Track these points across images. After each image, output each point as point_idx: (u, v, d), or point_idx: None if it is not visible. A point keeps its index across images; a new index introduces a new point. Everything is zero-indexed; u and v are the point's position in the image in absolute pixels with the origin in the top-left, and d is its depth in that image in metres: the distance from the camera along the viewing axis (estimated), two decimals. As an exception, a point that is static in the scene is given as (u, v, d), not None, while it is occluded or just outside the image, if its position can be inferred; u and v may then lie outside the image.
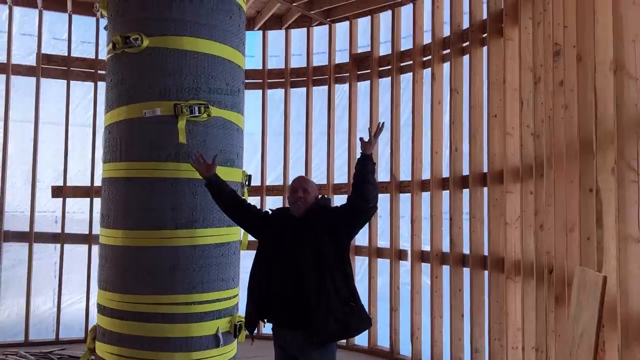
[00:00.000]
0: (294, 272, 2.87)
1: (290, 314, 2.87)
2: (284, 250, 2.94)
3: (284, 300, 2.89)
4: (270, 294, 2.94)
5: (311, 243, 2.88)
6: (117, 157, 3.28)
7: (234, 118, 3.44)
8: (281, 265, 2.92)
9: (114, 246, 3.24)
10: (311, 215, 2.98)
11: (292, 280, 2.87)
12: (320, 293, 2.81)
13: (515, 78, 4.16)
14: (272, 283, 2.93)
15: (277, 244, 2.99)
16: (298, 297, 2.84)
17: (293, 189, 3.03)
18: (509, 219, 4.18)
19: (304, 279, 2.84)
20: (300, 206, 2.97)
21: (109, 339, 3.17)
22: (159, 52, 3.20)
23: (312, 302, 2.80)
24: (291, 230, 2.98)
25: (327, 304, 2.81)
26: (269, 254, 3.01)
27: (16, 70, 5.88)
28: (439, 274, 5.08)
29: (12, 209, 5.92)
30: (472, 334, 4.54)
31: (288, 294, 2.87)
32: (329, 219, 2.94)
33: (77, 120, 6.09)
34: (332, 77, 6.17)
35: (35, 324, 5.81)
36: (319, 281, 2.83)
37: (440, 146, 5.17)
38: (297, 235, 2.94)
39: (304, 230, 2.93)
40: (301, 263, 2.86)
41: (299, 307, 2.84)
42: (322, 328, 2.80)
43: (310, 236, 2.90)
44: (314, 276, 2.84)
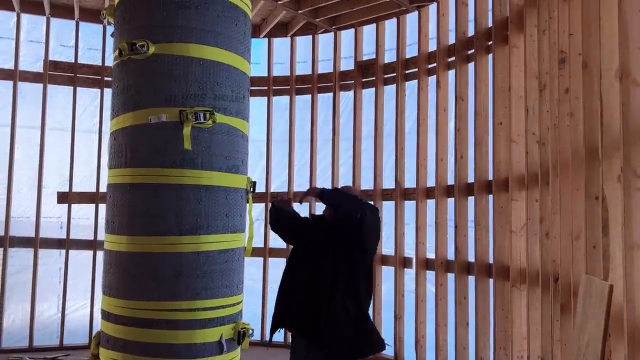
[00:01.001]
0: (313, 281, 2.86)
1: (305, 325, 2.85)
2: (309, 259, 2.94)
3: (299, 310, 2.87)
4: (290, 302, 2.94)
5: (329, 256, 2.86)
6: (122, 163, 3.28)
7: (239, 125, 3.44)
8: (304, 274, 2.90)
9: (118, 252, 3.23)
10: (337, 225, 2.96)
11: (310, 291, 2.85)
12: (329, 309, 2.77)
13: (520, 85, 4.15)
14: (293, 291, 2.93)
15: (306, 251, 3.01)
16: (311, 309, 2.82)
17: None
18: (515, 226, 4.16)
19: (319, 292, 2.82)
20: (325, 212, 3.01)
21: (113, 345, 3.15)
22: (164, 59, 3.21)
23: (321, 318, 2.77)
24: (318, 239, 2.98)
25: (334, 322, 2.76)
26: (298, 260, 3.02)
27: (23, 77, 5.92)
28: (443, 281, 5.05)
29: (18, 215, 5.94)
30: (477, 342, 4.51)
31: (303, 304, 2.86)
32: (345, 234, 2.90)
33: (83, 126, 6.13)
34: (337, 84, 6.18)
35: (39, 329, 5.81)
36: (330, 297, 2.79)
37: (446, 153, 5.16)
38: (320, 245, 2.93)
39: (326, 241, 2.91)
40: (318, 275, 2.84)
41: (313, 319, 2.81)
42: (326, 346, 2.77)
43: (329, 248, 2.87)
44: (326, 291, 2.81)
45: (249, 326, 3.37)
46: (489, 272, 4.49)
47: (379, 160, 5.82)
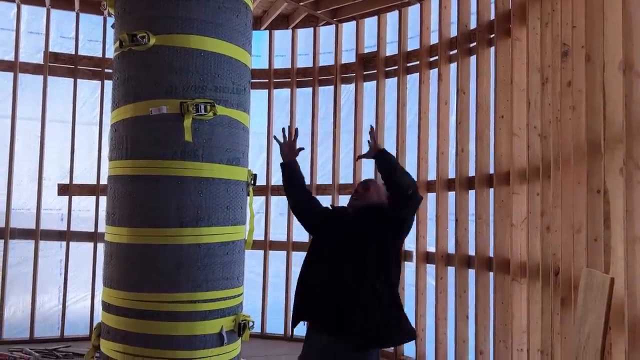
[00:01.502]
0: (336, 271, 2.78)
1: (332, 316, 2.76)
2: (331, 249, 2.87)
3: (325, 301, 2.79)
4: (313, 293, 2.87)
5: (356, 242, 2.80)
6: (123, 155, 3.27)
7: (240, 117, 3.43)
8: (327, 264, 2.84)
9: (119, 244, 3.24)
10: (362, 214, 2.91)
11: (334, 279, 2.77)
12: (359, 296, 2.70)
13: (522, 79, 4.14)
14: (315, 282, 2.86)
15: (327, 241, 2.94)
16: (340, 300, 2.74)
17: (357, 185, 3.05)
18: (515, 220, 4.16)
19: (344, 280, 2.74)
20: (354, 201, 2.95)
21: (113, 337, 3.16)
22: (165, 50, 3.19)
23: (350, 304, 2.70)
24: (341, 228, 2.92)
25: (365, 308, 2.69)
26: (318, 251, 2.95)
27: (23, 68, 5.90)
28: (443, 275, 5.06)
29: (19, 207, 5.95)
30: (477, 335, 4.52)
31: (330, 295, 2.77)
32: (376, 219, 2.84)
33: (83, 118, 6.12)
34: (338, 77, 6.16)
35: (40, 321, 5.83)
36: (359, 283, 2.72)
37: (447, 147, 5.15)
38: (345, 233, 2.87)
39: (352, 229, 2.85)
40: (344, 263, 2.77)
41: (340, 309, 2.73)
42: (363, 334, 2.69)
43: (356, 235, 2.82)
44: (355, 278, 2.73)
45: (249, 318, 3.38)
46: (489, 265, 4.49)
47: (381, 151, 5.80)
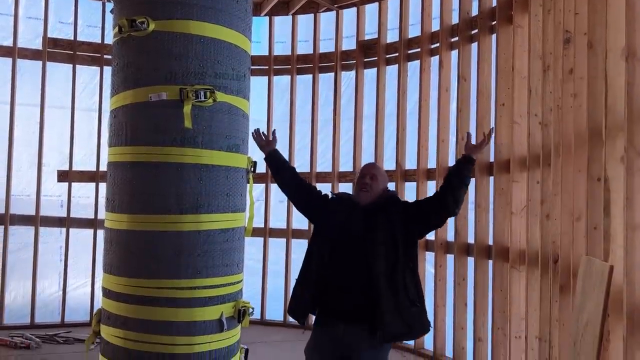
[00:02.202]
0: (363, 264, 2.73)
1: (354, 307, 2.73)
2: (350, 240, 2.81)
3: (347, 291, 2.75)
4: (330, 284, 2.80)
5: (384, 235, 2.74)
6: (123, 141, 3.26)
7: (240, 103, 3.41)
8: (347, 255, 2.78)
9: (119, 230, 3.24)
10: (381, 205, 2.84)
11: (359, 272, 2.73)
12: (390, 289, 2.68)
13: (524, 66, 4.12)
14: (334, 273, 2.80)
15: (341, 232, 2.85)
16: (365, 291, 2.71)
17: (361, 174, 2.95)
18: (515, 208, 4.16)
19: (373, 273, 2.70)
20: (365, 194, 2.87)
21: (113, 322, 3.18)
22: (165, 36, 3.17)
23: (382, 298, 2.67)
24: (359, 219, 2.84)
25: (396, 302, 2.67)
26: (329, 241, 2.86)
27: (22, 54, 5.87)
28: (443, 263, 5.07)
29: (18, 193, 5.94)
30: (475, 323, 4.54)
31: (353, 285, 2.74)
32: (404, 211, 2.79)
33: (82, 104, 6.09)
34: (338, 64, 6.13)
35: (40, 307, 5.86)
36: (390, 277, 2.69)
37: (447, 134, 5.14)
38: (367, 225, 2.79)
39: (375, 221, 2.78)
40: (371, 255, 2.72)
41: (364, 300, 2.71)
42: (387, 326, 2.67)
43: (383, 227, 2.76)
44: (384, 271, 2.70)
45: (249, 305, 3.39)
46: (489, 253, 4.50)
47: (380, 141, 5.80)
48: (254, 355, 4.14)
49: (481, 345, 4.51)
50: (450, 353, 4.89)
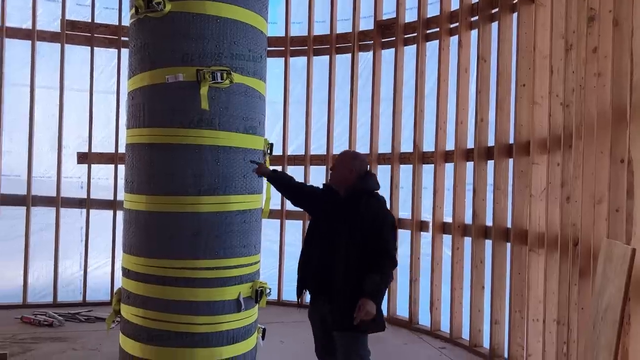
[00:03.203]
0: (329, 251, 2.92)
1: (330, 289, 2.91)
2: (325, 227, 3.00)
3: (324, 274, 2.94)
4: (311, 266, 3.03)
5: (344, 231, 2.89)
6: (140, 122, 3.28)
7: (256, 85, 3.40)
8: (324, 239, 2.97)
9: (138, 211, 3.28)
10: (352, 199, 2.96)
11: (329, 258, 2.91)
12: (344, 282, 2.85)
13: (545, 45, 4.02)
14: (315, 256, 3.00)
15: (324, 218, 3.06)
16: (328, 277, 2.91)
17: (338, 163, 3.08)
18: (535, 190, 4.10)
19: (335, 263, 2.89)
20: (333, 179, 3.06)
21: (133, 302, 3.23)
22: (181, 17, 3.16)
23: (337, 287, 2.86)
24: (333, 209, 3.01)
25: (348, 295, 2.82)
26: (316, 228, 3.08)
27: (41, 36, 5.90)
28: (460, 245, 5.05)
29: (40, 174, 6.04)
30: (493, 305, 4.52)
31: (325, 269, 2.93)
32: (364, 219, 2.88)
33: (101, 86, 6.13)
34: (355, 45, 6.05)
35: (63, 286, 5.98)
36: (345, 271, 2.86)
37: (466, 116, 5.07)
38: (336, 217, 2.96)
39: (342, 214, 2.94)
40: (335, 246, 2.90)
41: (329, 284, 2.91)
42: (337, 316, 2.87)
43: (345, 224, 2.90)
44: (342, 264, 2.87)
45: (266, 285, 3.42)
46: (507, 236, 4.46)
47: (398, 122, 5.75)
48: (271, 335, 4.19)
49: (498, 328, 4.50)
50: (466, 335, 4.89)
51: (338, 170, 3.04)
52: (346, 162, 3.03)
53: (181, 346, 3.11)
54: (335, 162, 3.09)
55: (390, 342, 5.00)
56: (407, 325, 5.48)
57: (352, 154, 3.16)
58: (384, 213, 2.97)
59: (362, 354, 2.92)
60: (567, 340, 3.40)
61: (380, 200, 3.00)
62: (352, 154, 3.16)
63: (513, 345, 4.26)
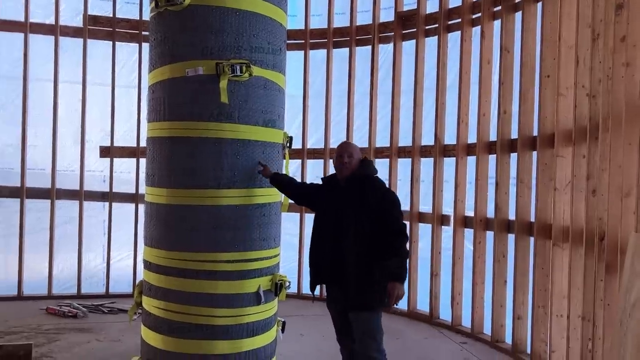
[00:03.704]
0: (338, 239, 2.97)
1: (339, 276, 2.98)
2: (331, 217, 3.04)
3: (332, 263, 3.01)
4: (322, 258, 3.07)
5: (351, 217, 2.95)
6: (161, 116, 3.30)
7: (276, 78, 3.38)
8: (331, 229, 3.02)
9: (159, 204, 3.30)
10: (354, 185, 3.02)
11: (338, 244, 2.97)
12: (355, 263, 2.91)
13: (571, 35, 3.92)
14: (324, 247, 3.05)
15: (327, 211, 3.10)
16: (342, 261, 2.96)
17: (338, 154, 3.10)
18: (559, 184, 4.02)
19: (345, 247, 2.95)
20: (346, 171, 3.06)
21: (155, 294, 3.26)
22: (201, 10, 3.16)
23: (348, 269, 2.93)
24: (336, 198, 3.06)
25: (360, 274, 2.90)
26: (321, 220, 3.13)
27: (64, 32, 5.98)
28: (482, 239, 4.98)
29: (63, 168, 6.13)
30: (515, 300, 4.46)
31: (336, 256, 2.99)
32: (370, 202, 2.94)
33: (122, 81, 6.19)
34: (376, 37, 6.00)
35: (86, 278, 6.09)
36: (356, 252, 2.92)
37: (488, 108, 4.99)
38: (341, 204, 3.01)
39: (346, 201, 2.99)
40: (343, 233, 2.95)
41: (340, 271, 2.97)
42: (350, 296, 2.94)
43: (351, 209, 2.96)
44: (352, 246, 2.93)
45: (286, 278, 3.42)
46: (530, 230, 4.38)
47: (418, 115, 5.68)
48: (291, 327, 4.19)
49: (520, 324, 4.44)
50: (488, 330, 4.83)
51: (353, 160, 3.07)
52: (357, 151, 3.13)
53: (201, 338, 3.13)
54: (350, 153, 3.09)
55: (411, 336, 4.96)
56: (428, 319, 5.44)
57: (352, 144, 3.30)
58: (389, 193, 3.09)
59: (377, 336, 2.98)
60: (593, 337, 3.33)
61: (382, 182, 3.12)
62: (352, 144, 3.30)
63: (536, 341, 4.20)
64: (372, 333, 2.96)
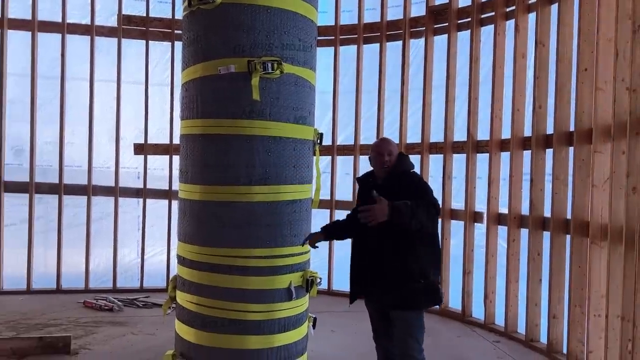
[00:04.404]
0: (379, 237, 2.93)
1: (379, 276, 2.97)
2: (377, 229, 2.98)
3: (373, 263, 2.99)
4: (363, 259, 3.06)
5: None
6: (194, 114, 3.33)
7: (307, 75, 3.38)
8: (371, 233, 2.96)
9: (192, 201, 3.34)
10: (393, 182, 2.98)
11: (378, 244, 2.94)
12: (394, 260, 2.89)
13: (610, 28, 3.81)
14: (365, 249, 3.03)
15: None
16: (382, 262, 2.95)
17: (378, 153, 3.07)
18: (597, 180, 3.91)
19: (384, 245, 2.91)
20: (387, 170, 3.03)
21: (188, 289, 3.31)
22: (232, 8, 3.18)
23: (388, 266, 2.91)
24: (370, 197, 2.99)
25: (400, 271, 2.88)
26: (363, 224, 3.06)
27: (99, 32, 6.11)
28: (516, 237, 4.89)
29: (99, 165, 6.28)
30: (551, 299, 4.36)
31: (376, 257, 2.97)
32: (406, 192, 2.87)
33: (155, 79, 6.30)
34: (407, 32, 5.94)
35: (121, 272, 6.23)
36: (394, 248, 2.89)
37: (523, 103, 4.89)
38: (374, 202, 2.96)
39: (389, 197, 2.90)
40: (383, 232, 2.90)
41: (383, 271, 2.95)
42: (390, 297, 2.92)
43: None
44: (390, 242, 2.89)
45: (317, 275, 3.42)
46: (566, 227, 4.28)
47: (450, 111, 5.61)
48: (322, 324, 4.20)
49: (556, 323, 4.34)
50: (522, 329, 4.75)
51: (393, 157, 3.04)
52: (395, 148, 3.09)
53: (234, 333, 3.16)
54: (390, 151, 3.05)
55: (444, 334, 4.92)
56: (460, 317, 5.38)
57: (390, 140, 3.22)
58: (422, 182, 3.05)
59: (419, 336, 2.94)
60: (633, 338, 3.24)
61: (419, 176, 3.10)
62: (390, 140, 3.22)
63: (572, 341, 4.10)
64: (414, 333, 2.92)
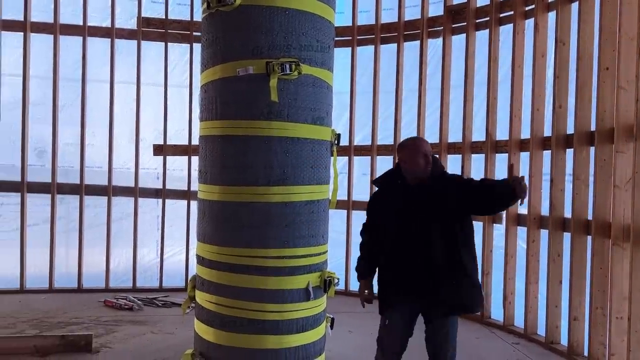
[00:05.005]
0: (425, 242, 2.90)
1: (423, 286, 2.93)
2: (408, 220, 2.96)
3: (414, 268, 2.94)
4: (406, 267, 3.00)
5: (437, 214, 2.88)
6: (213, 115, 3.36)
7: (324, 76, 3.39)
8: (411, 237, 2.95)
9: (211, 201, 3.36)
10: (438, 182, 2.96)
11: (423, 250, 2.91)
12: (447, 263, 2.86)
13: (632, 25, 3.75)
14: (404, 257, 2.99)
15: (399, 215, 3.02)
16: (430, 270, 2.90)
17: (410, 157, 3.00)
18: (619, 181, 3.85)
19: (432, 250, 2.88)
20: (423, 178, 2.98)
21: (207, 288, 3.33)
22: (251, 10, 3.19)
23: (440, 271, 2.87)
24: (412, 199, 2.98)
25: (454, 275, 2.87)
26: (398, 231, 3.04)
27: (119, 34, 6.20)
28: (536, 238, 4.84)
29: (119, 166, 6.37)
30: (572, 301, 4.31)
31: (418, 263, 2.93)
32: (453, 192, 2.87)
33: (174, 81, 6.37)
34: (424, 32, 5.91)
35: (141, 272, 6.31)
36: (446, 252, 2.86)
37: (542, 103, 4.83)
38: (422, 204, 2.94)
39: (428, 200, 2.92)
40: (430, 233, 2.88)
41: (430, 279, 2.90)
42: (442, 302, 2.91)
43: (435, 207, 2.89)
44: (441, 246, 2.87)
45: (334, 275, 3.42)
46: (587, 228, 4.22)
47: (469, 110, 5.57)
48: (340, 324, 4.20)
49: (577, 325, 4.29)
50: (542, 331, 4.69)
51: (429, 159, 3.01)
52: (429, 149, 3.05)
53: (252, 333, 3.18)
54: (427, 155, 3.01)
55: (462, 335, 4.85)
56: (479, 319, 5.33)
57: (423, 140, 3.18)
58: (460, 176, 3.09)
59: (454, 344, 3.01)
60: (656, 341, 3.19)
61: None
62: (423, 140, 3.18)
63: (594, 344, 4.04)
64: (455, 337, 2.98)
